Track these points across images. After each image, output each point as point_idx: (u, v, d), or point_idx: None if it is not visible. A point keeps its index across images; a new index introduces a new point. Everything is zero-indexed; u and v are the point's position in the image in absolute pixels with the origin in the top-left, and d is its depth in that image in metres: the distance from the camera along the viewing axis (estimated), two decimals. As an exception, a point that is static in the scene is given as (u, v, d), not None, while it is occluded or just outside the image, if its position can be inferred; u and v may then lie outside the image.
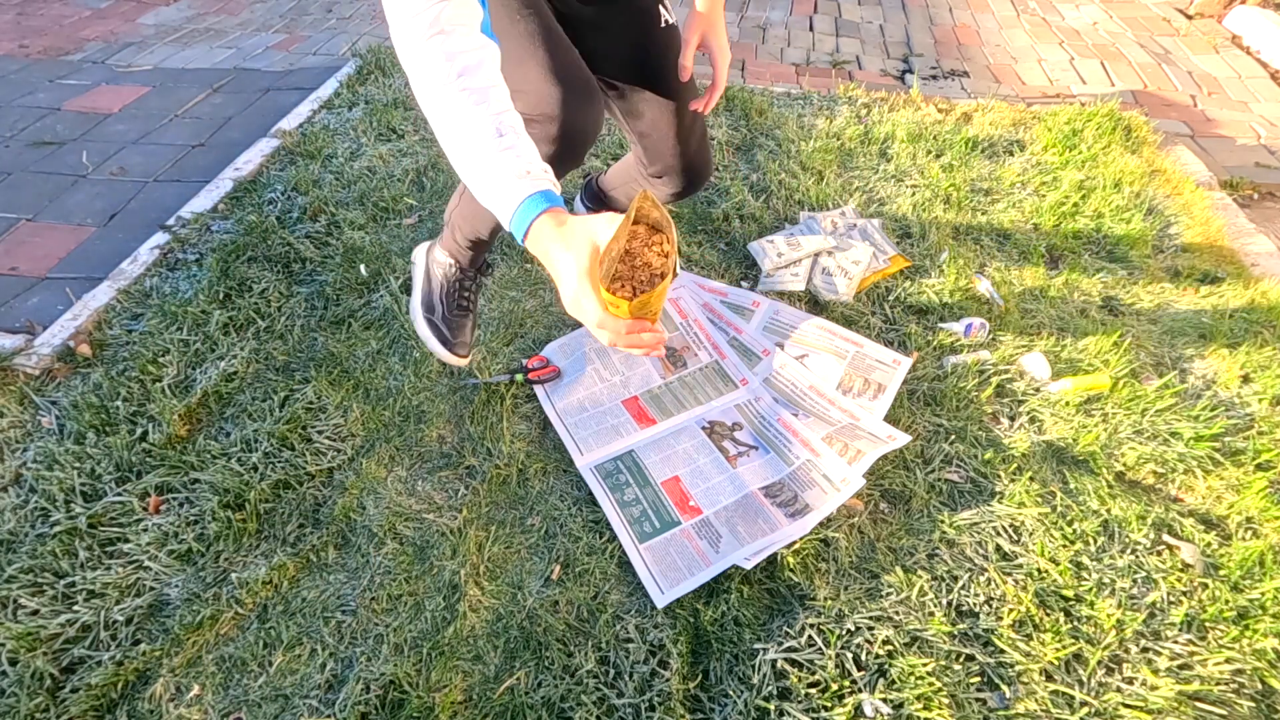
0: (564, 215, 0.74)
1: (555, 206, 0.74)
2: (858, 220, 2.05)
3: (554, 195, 0.75)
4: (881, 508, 1.37)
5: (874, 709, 1.08)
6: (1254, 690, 1.11)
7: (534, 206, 0.74)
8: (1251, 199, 2.37)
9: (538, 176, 0.76)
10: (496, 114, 0.76)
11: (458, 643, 1.18)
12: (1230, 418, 1.53)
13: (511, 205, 0.74)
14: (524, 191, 0.74)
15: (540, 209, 0.73)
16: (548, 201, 0.74)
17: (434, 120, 0.78)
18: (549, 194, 0.75)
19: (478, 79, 0.76)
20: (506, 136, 0.75)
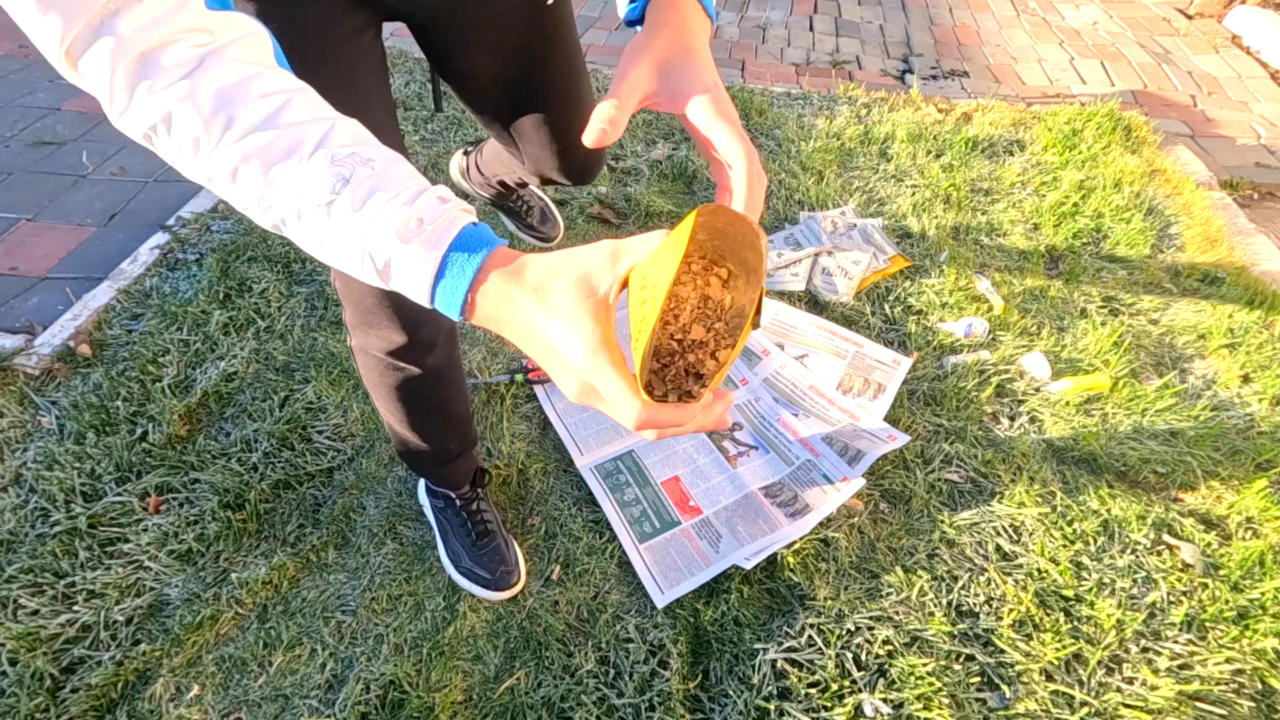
0: (516, 259, 0.45)
1: (494, 249, 0.45)
2: (858, 220, 2.05)
3: (480, 233, 0.45)
4: (881, 508, 1.37)
5: (874, 709, 1.08)
6: (1254, 690, 1.11)
7: (462, 266, 0.44)
8: (1251, 199, 2.37)
9: (440, 219, 0.44)
10: (332, 148, 0.45)
11: (458, 643, 1.18)
12: (1230, 418, 1.53)
13: (423, 281, 0.44)
14: (429, 254, 0.43)
15: (473, 265, 0.44)
16: (478, 247, 0.44)
17: (252, 195, 0.46)
18: (472, 235, 0.45)
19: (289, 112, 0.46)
20: (355, 178, 0.44)
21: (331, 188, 0.44)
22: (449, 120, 2.52)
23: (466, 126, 2.48)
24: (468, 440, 1.23)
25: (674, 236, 0.41)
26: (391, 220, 0.43)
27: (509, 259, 0.44)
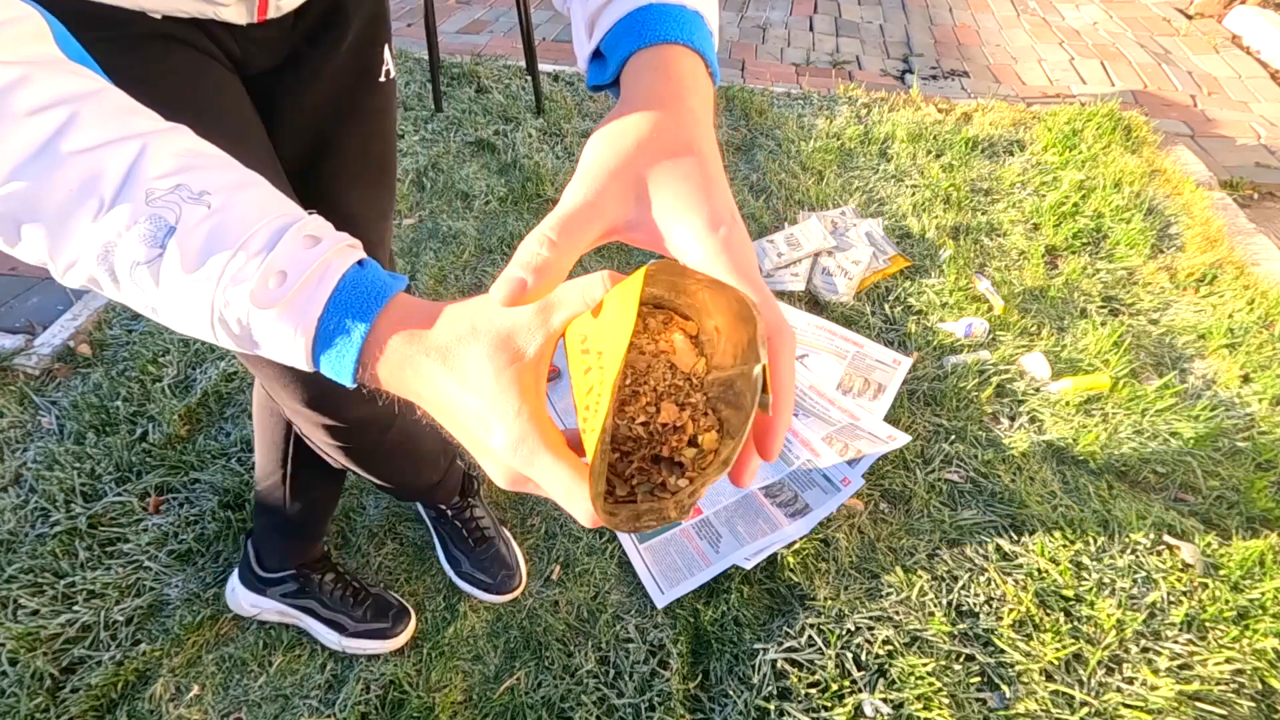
0: (420, 311, 0.35)
1: (388, 300, 0.35)
2: (858, 220, 2.05)
3: (367, 279, 0.35)
4: (881, 508, 1.37)
5: (874, 709, 1.08)
6: (1254, 690, 1.11)
7: (347, 330, 0.34)
8: (1251, 199, 2.37)
9: (309, 270, 0.34)
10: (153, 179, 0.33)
11: (458, 643, 1.18)
12: (1230, 418, 1.53)
13: (297, 353, 0.34)
14: (299, 323, 0.33)
15: (360, 329, 0.34)
16: (367, 301, 0.34)
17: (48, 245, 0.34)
18: (357, 285, 0.34)
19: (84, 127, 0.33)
20: (184, 224, 0.33)
21: (150, 241, 0.32)
22: (449, 120, 2.52)
23: (466, 126, 2.49)
24: (445, 463, 1.17)
25: (621, 291, 0.30)
26: (242, 278, 0.32)
27: (410, 312, 0.34)
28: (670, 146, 0.35)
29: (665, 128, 0.35)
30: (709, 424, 0.33)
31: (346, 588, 1.19)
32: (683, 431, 0.32)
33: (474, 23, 3.52)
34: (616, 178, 0.34)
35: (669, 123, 0.35)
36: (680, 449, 0.32)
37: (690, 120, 0.36)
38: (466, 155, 2.36)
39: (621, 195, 0.34)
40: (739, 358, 0.32)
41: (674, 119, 0.36)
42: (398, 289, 0.35)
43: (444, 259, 1.93)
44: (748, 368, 0.31)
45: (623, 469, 0.32)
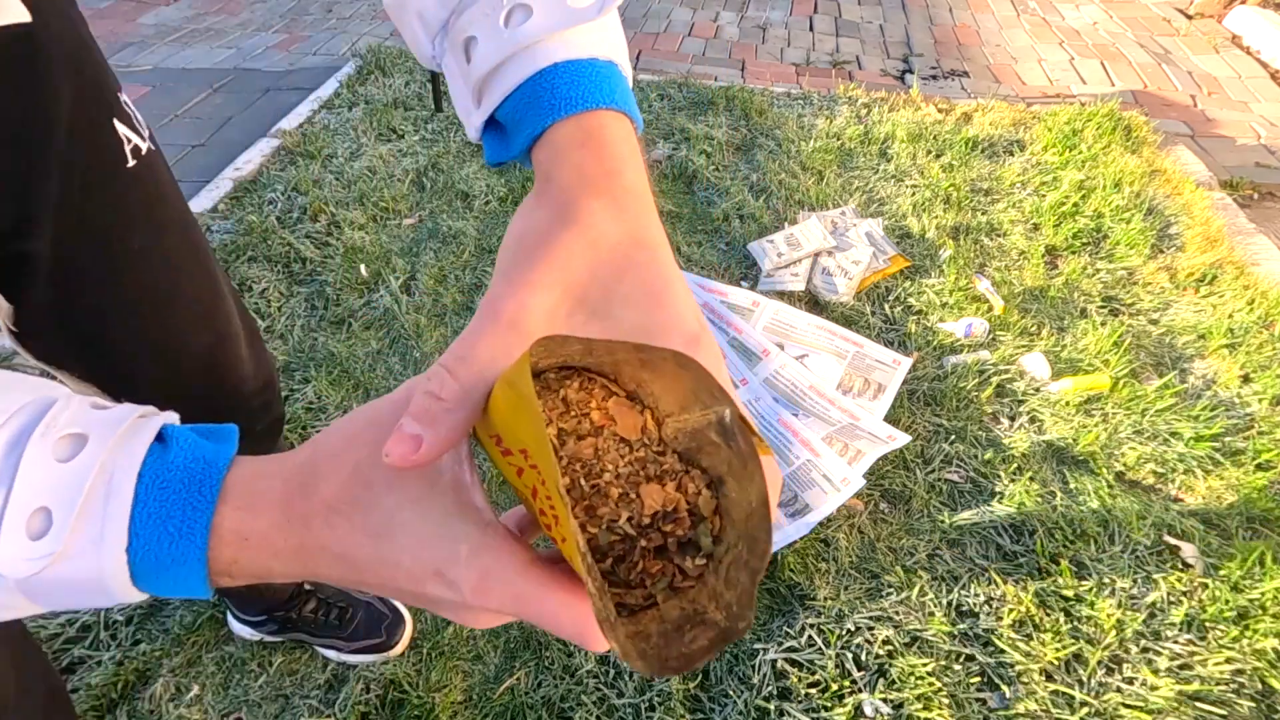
0: (267, 469, 0.27)
1: (221, 471, 0.26)
2: (858, 220, 2.05)
3: (181, 454, 0.26)
4: (881, 508, 1.37)
5: (874, 709, 1.08)
6: (1254, 690, 1.11)
7: (176, 535, 0.25)
8: (1251, 199, 2.37)
9: (85, 493, 0.24)
10: None
11: (458, 643, 1.18)
12: (1230, 418, 1.53)
13: (104, 597, 0.25)
14: (95, 557, 0.24)
15: (193, 528, 0.25)
16: (191, 487, 0.25)
17: None
18: (169, 471, 0.25)
19: None
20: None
21: None
22: (449, 120, 2.52)
23: (466, 126, 2.49)
24: None
25: (510, 373, 0.23)
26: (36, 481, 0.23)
27: (257, 480, 0.26)
28: (616, 245, 0.28)
29: (604, 221, 0.27)
30: (696, 488, 0.26)
31: (330, 610, 1.14)
32: (678, 513, 0.26)
33: (474, 23, 3.52)
34: (548, 290, 0.26)
35: (609, 214, 0.28)
36: (679, 525, 0.26)
37: (633, 203, 0.29)
38: (466, 155, 2.36)
39: (552, 311, 0.26)
40: (688, 403, 0.26)
41: (614, 207, 0.28)
42: (226, 457, 0.26)
43: (444, 259, 1.93)
44: (710, 413, 0.25)
45: (626, 575, 0.25)
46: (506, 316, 0.25)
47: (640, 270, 0.28)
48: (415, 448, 0.24)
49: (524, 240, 0.28)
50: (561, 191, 0.29)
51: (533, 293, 0.26)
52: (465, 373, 0.25)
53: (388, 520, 0.25)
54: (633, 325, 0.27)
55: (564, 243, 0.27)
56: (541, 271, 0.26)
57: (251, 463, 0.27)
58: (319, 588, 1.15)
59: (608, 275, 0.27)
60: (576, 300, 0.27)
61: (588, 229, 0.27)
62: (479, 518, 0.25)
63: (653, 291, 0.27)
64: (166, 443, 0.26)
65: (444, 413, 0.24)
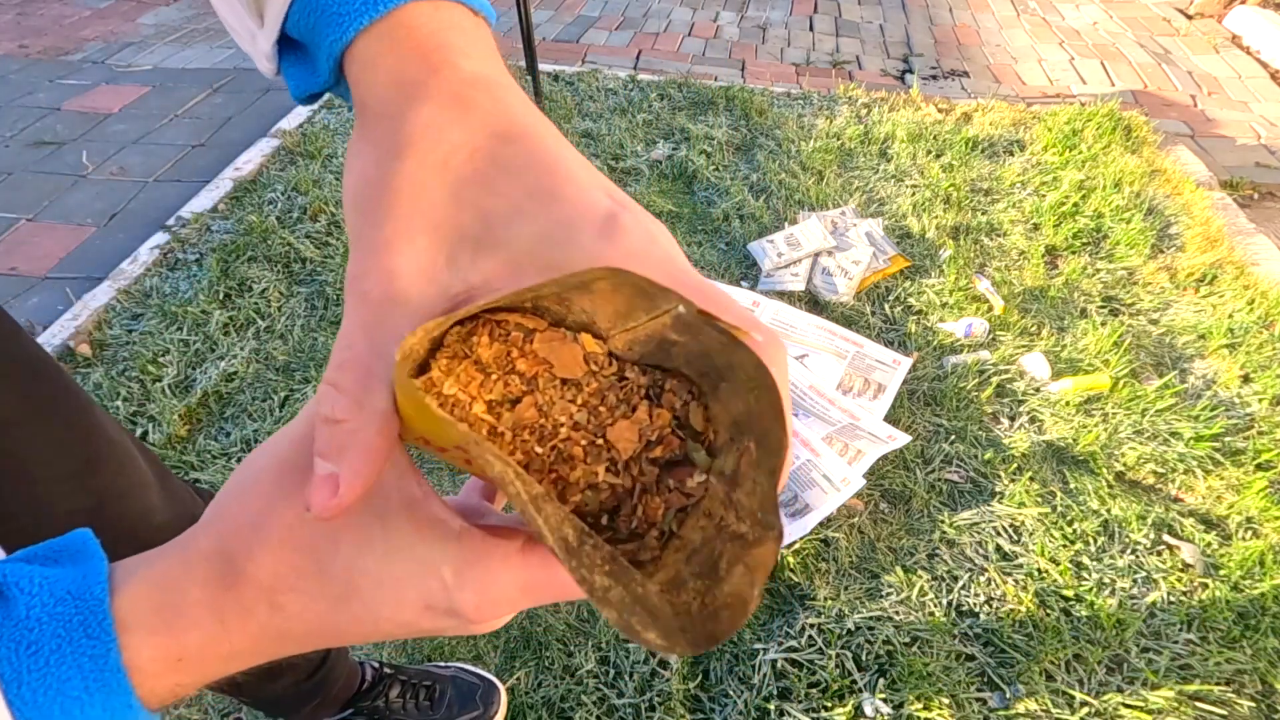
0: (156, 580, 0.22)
1: (104, 603, 0.20)
2: (858, 220, 2.05)
3: (33, 589, 0.20)
4: (881, 508, 1.37)
5: (874, 709, 1.08)
6: (1254, 690, 1.11)
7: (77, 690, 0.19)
8: (1251, 199, 2.37)
9: None
10: None
11: (457, 643, 1.18)
12: (1230, 418, 1.53)
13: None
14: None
15: (101, 647, 0.20)
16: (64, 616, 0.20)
17: None
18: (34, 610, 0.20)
19: None
20: None
21: None
22: (449, 120, 2.52)
23: (466, 126, 2.48)
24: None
25: (396, 384, 0.20)
26: None
27: (159, 598, 0.21)
28: (473, 151, 0.22)
29: (444, 129, 0.22)
30: (678, 399, 0.22)
31: (417, 692, 1.05)
32: (663, 437, 0.22)
33: (474, 23, 3.52)
34: (409, 242, 0.21)
35: (449, 118, 0.22)
36: (674, 452, 0.22)
37: (479, 94, 0.22)
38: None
39: (427, 265, 0.21)
40: (630, 309, 0.21)
41: (454, 107, 0.22)
42: (99, 581, 0.21)
43: (444, 259, 1.93)
44: (660, 314, 0.21)
45: (627, 526, 0.21)
46: (375, 294, 0.21)
47: (515, 169, 0.21)
48: (334, 489, 0.19)
49: (362, 194, 0.22)
50: (382, 115, 0.22)
51: (393, 254, 0.21)
52: (351, 381, 0.20)
53: (347, 579, 0.21)
54: (532, 238, 0.21)
55: (406, 178, 0.21)
56: (394, 224, 0.21)
57: (140, 575, 0.21)
58: (399, 669, 1.07)
59: (475, 193, 0.21)
60: (453, 240, 0.21)
61: (429, 148, 0.21)
62: (446, 531, 0.21)
63: (540, 188, 0.21)
64: (5, 599, 0.20)
65: (348, 436, 0.19)
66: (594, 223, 0.21)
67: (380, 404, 0.20)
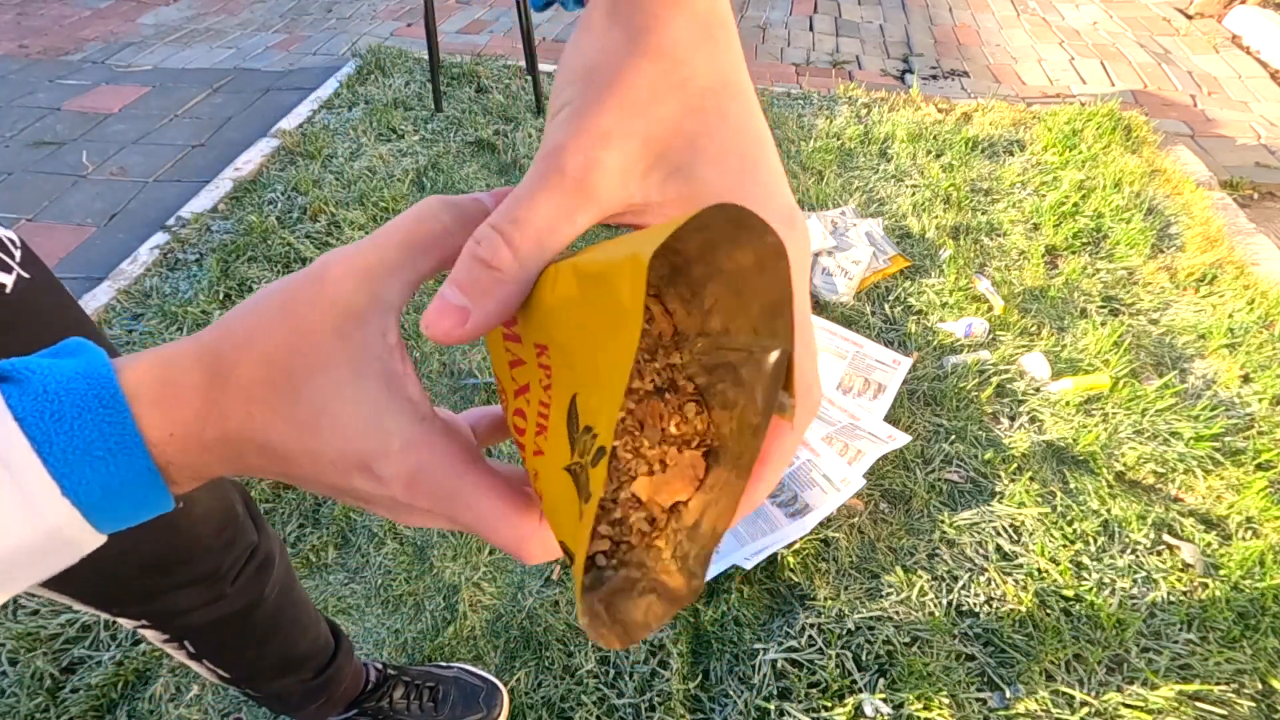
0: (172, 361, 0.22)
1: (107, 371, 0.22)
2: (858, 220, 2.05)
3: (43, 372, 0.21)
4: (881, 508, 1.37)
5: (874, 709, 1.08)
6: (1254, 690, 1.11)
7: (102, 453, 0.21)
8: (1251, 199, 2.37)
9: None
10: None
11: (458, 643, 1.18)
12: (1230, 418, 1.53)
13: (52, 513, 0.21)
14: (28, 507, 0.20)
15: (117, 413, 0.21)
16: (78, 391, 0.21)
17: None
18: (48, 395, 0.21)
19: None
20: None
21: None
22: (449, 120, 2.52)
23: (466, 126, 2.49)
24: (324, 654, 0.91)
25: (592, 270, 0.19)
26: None
27: (165, 372, 0.22)
28: (708, 88, 0.22)
29: (692, 53, 0.22)
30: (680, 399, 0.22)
31: (421, 693, 1.06)
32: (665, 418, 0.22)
33: (474, 23, 3.52)
34: (624, 140, 0.21)
35: (698, 43, 0.22)
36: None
37: (722, 33, 0.23)
38: (466, 155, 2.36)
39: (628, 169, 0.22)
40: (741, 324, 0.20)
41: (704, 35, 0.22)
42: (102, 363, 0.22)
43: (444, 259, 1.93)
44: (760, 346, 0.20)
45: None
46: (573, 172, 0.21)
47: (733, 125, 0.22)
48: (461, 321, 0.21)
49: (593, 72, 0.22)
50: (635, 5, 0.22)
51: (606, 143, 0.21)
52: (522, 240, 0.21)
53: (312, 411, 0.22)
54: (720, 187, 0.22)
55: (647, 78, 0.21)
56: (617, 116, 0.21)
57: (144, 356, 0.23)
58: (403, 670, 1.08)
59: (696, 127, 0.22)
60: (657, 155, 0.22)
61: (676, 64, 0.22)
62: (414, 411, 0.22)
63: (745, 155, 0.22)
64: (16, 379, 0.21)
65: (496, 284, 0.21)
66: (778, 212, 0.22)
67: (533, 271, 0.21)
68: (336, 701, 0.97)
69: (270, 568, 0.75)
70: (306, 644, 0.85)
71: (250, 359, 0.22)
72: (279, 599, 0.77)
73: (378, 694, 1.03)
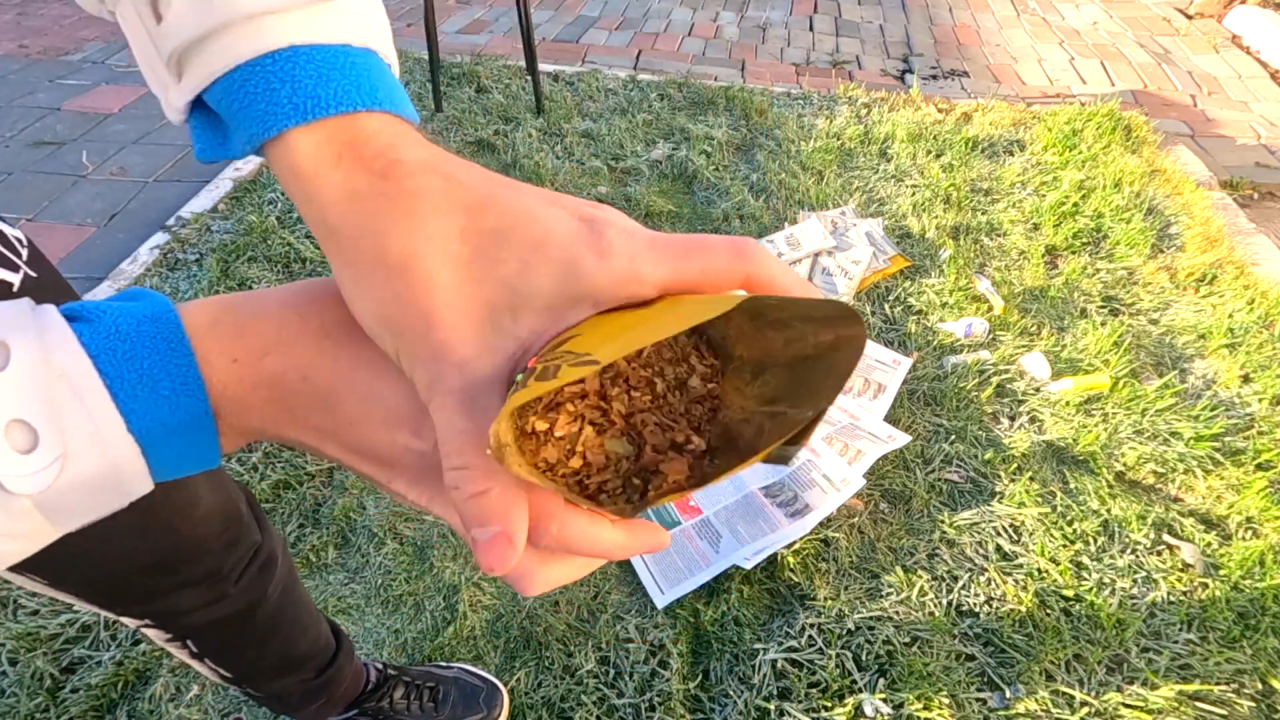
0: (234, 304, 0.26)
1: (168, 310, 0.24)
2: (858, 220, 2.05)
3: (113, 313, 0.23)
4: (881, 508, 1.37)
5: (874, 709, 1.08)
6: (1254, 690, 1.11)
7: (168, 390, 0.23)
8: (1251, 199, 2.37)
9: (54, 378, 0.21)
10: None
11: (458, 643, 1.18)
12: (1230, 418, 1.53)
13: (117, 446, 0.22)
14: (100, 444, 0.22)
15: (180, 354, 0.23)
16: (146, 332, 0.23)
17: None
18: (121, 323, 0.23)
19: None
20: None
21: None
22: (449, 120, 2.52)
23: (466, 126, 2.49)
24: (326, 640, 0.91)
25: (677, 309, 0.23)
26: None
27: (236, 309, 0.25)
28: (464, 233, 0.23)
29: (427, 225, 0.23)
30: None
31: (421, 693, 1.06)
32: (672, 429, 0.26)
33: (474, 23, 3.52)
34: (460, 335, 0.23)
35: (424, 215, 0.23)
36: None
37: (434, 179, 0.24)
38: (466, 155, 2.35)
39: (486, 342, 0.23)
40: (769, 396, 0.25)
41: (424, 203, 0.23)
42: (165, 305, 0.24)
43: (444, 259, 1.93)
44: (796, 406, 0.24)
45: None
46: (457, 388, 0.23)
47: (501, 233, 0.23)
48: (509, 542, 0.22)
49: (389, 321, 0.23)
50: (359, 241, 0.23)
51: (452, 351, 0.23)
52: (475, 459, 0.22)
53: (381, 359, 0.24)
54: (551, 284, 0.23)
55: (425, 284, 0.23)
56: (440, 329, 0.23)
57: (210, 299, 0.25)
58: (403, 670, 1.08)
59: (483, 268, 0.23)
60: (489, 314, 0.23)
61: (425, 254, 0.23)
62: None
63: (532, 239, 0.23)
64: (88, 319, 0.23)
65: (498, 500, 0.22)
66: (587, 244, 0.23)
67: (496, 462, 0.22)
68: (337, 701, 0.97)
69: (273, 568, 0.76)
70: (307, 644, 0.85)
71: (338, 307, 0.25)
72: (281, 599, 0.77)
73: (378, 694, 1.03)
